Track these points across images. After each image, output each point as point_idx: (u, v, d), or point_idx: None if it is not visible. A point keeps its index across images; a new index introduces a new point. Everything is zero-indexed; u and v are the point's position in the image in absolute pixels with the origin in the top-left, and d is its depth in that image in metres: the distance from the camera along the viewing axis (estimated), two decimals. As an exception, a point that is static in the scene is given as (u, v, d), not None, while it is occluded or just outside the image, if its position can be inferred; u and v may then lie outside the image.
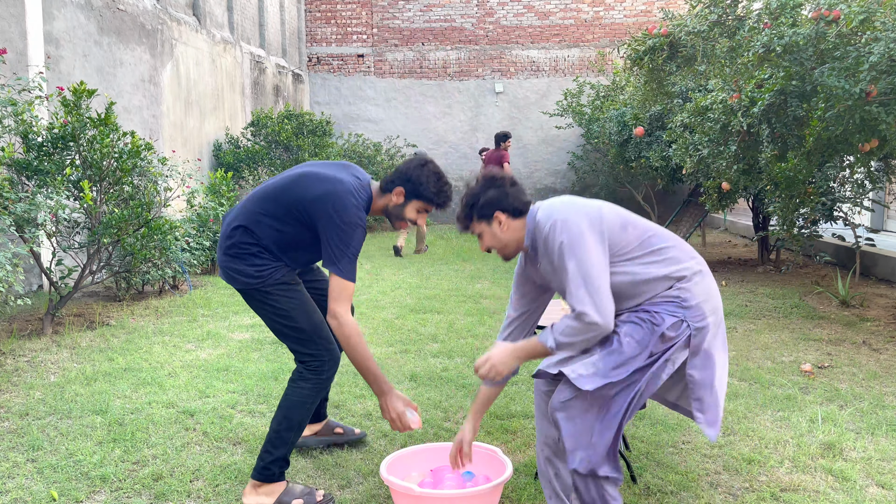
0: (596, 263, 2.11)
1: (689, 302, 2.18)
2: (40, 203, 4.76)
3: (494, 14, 15.05)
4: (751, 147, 6.46)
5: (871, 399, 3.81)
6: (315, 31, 15.31)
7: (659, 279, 2.20)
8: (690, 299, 2.19)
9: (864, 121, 5.16)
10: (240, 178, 10.82)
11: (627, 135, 10.84)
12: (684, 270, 2.21)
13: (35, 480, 2.88)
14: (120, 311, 5.97)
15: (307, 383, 2.66)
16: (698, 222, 8.70)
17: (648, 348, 2.14)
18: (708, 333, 2.20)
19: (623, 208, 2.33)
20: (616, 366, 2.13)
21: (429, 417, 3.56)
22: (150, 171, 6.04)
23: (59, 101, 5.33)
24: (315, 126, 11.87)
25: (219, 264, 2.71)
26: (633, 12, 14.92)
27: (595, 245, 2.14)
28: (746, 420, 3.51)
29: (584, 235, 2.14)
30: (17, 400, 3.81)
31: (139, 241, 5.60)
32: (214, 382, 4.09)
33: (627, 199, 15.15)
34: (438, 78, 15.20)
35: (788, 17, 5.68)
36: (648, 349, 2.14)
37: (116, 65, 8.12)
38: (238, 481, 2.87)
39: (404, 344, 4.98)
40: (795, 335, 5.21)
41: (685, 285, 2.20)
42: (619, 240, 2.20)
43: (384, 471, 2.52)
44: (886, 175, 6.52)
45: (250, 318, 5.74)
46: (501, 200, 2.30)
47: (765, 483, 2.84)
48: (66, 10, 7.21)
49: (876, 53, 4.78)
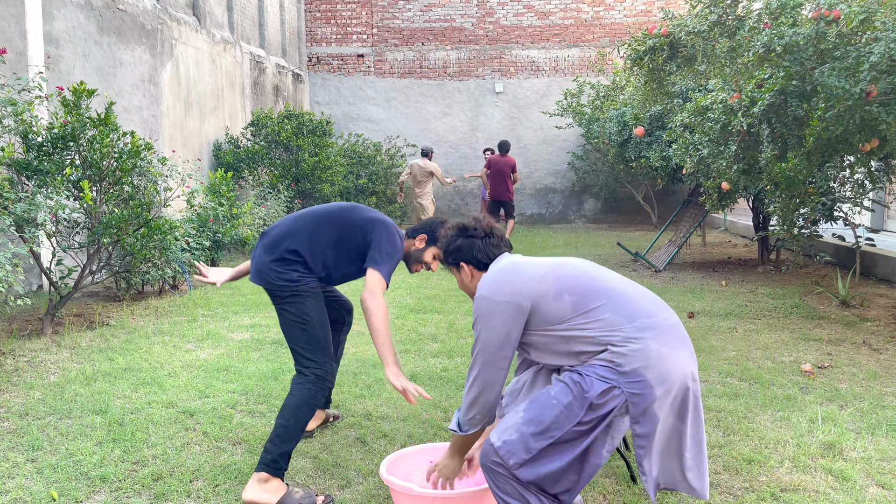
0: (492, 343, 2.15)
1: (623, 367, 2.05)
2: (40, 203, 4.76)
3: (494, 14, 15.05)
4: (751, 147, 6.46)
5: (871, 399, 3.81)
6: (315, 30, 15.31)
7: (587, 343, 2.10)
8: (625, 364, 2.05)
9: (865, 121, 5.16)
10: (240, 178, 10.82)
11: (627, 135, 10.84)
12: (616, 334, 2.08)
13: (35, 480, 2.88)
14: (120, 311, 5.97)
15: (313, 385, 2.84)
16: (698, 222, 8.70)
17: (578, 417, 2.05)
18: (654, 401, 2.04)
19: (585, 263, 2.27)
20: (535, 433, 2.07)
21: (429, 417, 3.56)
22: (150, 171, 6.03)
23: (59, 101, 5.33)
24: (315, 126, 11.87)
25: (258, 266, 2.96)
26: (633, 12, 14.92)
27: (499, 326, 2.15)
28: (746, 420, 3.51)
29: (493, 316, 2.16)
30: (17, 400, 3.81)
31: (139, 241, 5.60)
32: (214, 382, 4.09)
33: (627, 199, 15.16)
34: (438, 78, 15.20)
35: (789, 17, 5.68)
36: (577, 418, 2.05)
37: (116, 65, 8.12)
38: (238, 481, 2.87)
39: (404, 344, 4.98)
40: (795, 335, 5.21)
41: (619, 349, 2.06)
42: (552, 308, 2.14)
43: (384, 471, 2.52)
44: (886, 175, 6.52)
45: (250, 319, 5.74)
46: (468, 252, 2.37)
47: (765, 483, 2.84)
48: (66, 10, 7.21)
49: (876, 53, 4.78)
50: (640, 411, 2.06)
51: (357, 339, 5.12)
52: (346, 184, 12.26)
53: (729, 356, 4.67)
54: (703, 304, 6.35)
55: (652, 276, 8.00)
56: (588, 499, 2.73)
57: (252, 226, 8.52)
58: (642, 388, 2.04)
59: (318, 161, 11.41)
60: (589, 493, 2.76)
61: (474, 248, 2.36)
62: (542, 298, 2.15)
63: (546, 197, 15.48)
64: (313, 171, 11.37)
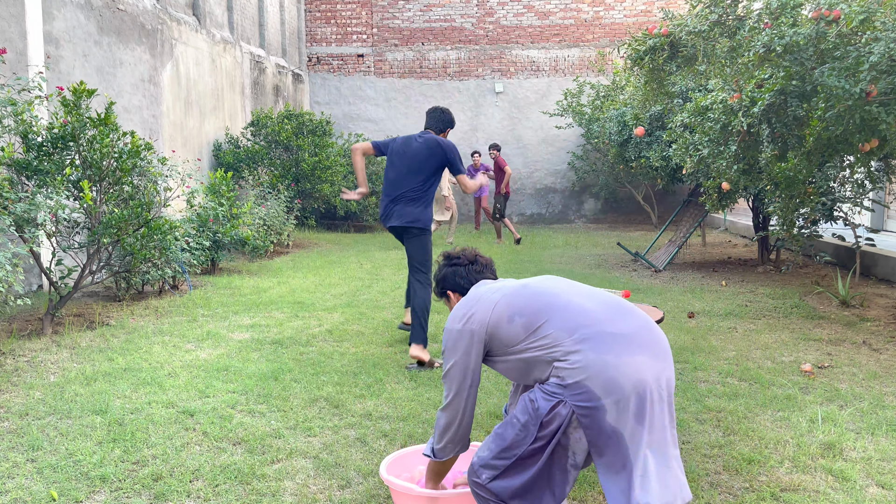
0: (457, 372, 2.23)
1: (566, 381, 2.06)
2: (40, 203, 4.76)
3: (494, 14, 15.05)
4: (751, 147, 6.46)
5: (871, 399, 3.81)
6: (315, 30, 15.31)
7: (539, 362, 2.12)
8: (567, 377, 2.05)
9: (864, 121, 5.16)
10: (239, 178, 10.82)
11: (627, 135, 10.84)
12: (558, 349, 2.09)
13: (35, 480, 2.88)
14: (120, 311, 5.97)
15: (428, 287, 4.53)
16: (698, 222, 8.70)
17: (533, 435, 2.08)
18: (605, 413, 2.01)
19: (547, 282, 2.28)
20: (500, 451, 2.14)
21: (429, 417, 3.56)
22: (150, 171, 6.03)
23: (59, 101, 5.33)
24: (315, 126, 11.87)
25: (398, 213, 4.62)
26: (633, 12, 14.92)
27: (463, 354, 2.23)
28: (746, 420, 3.51)
29: (456, 345, 2.24)
30: (17, 400, 3.81)
31: (139, 241, 5.60)
32: (214, 382, 4.09)
33: (627, 199, 15.16)
34: (438, 78, 15.20)
35: (789, 17, 5.68)
36: (533, 436, 2.08)
37: (116, 65, 8.12)
38: (238, 481, 2.87)
39: (404, 344, 4.98)
40: (795, 335, 5.21)
41: (561, 364, 2.07)
42: (507, 332, 2.18)
43: (384, 471, 2.52)
44: (886, 175, 6.52)
45: (250, 319, 5.74)
46: (452, 280, 2.51)
47: (765, 483, 2.84)
48: (66, 10, 7.21)
49: (876, 53, 4.79)
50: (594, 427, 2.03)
51: (357, 339, 5.12)
52: (346, 184, 12.26)
53: (729, 356, 4.67)
54: (703, 304, 6.35)
55: (652, 276, 8.00)
56: (588, 499, 2.73)
57: (252, 226, 8.52)
58: (587, 400, 2.02)
59: (318, 161, 11.41)
60: (589, 493, 2.76)
61: (457, 276, 2.48)
62: (497, 325, 2.20)
63: (546, 197, 15.48)
64: (313, 171, 11.37)
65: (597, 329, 2.10)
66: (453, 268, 2.50)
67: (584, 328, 2.10)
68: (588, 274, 8.00)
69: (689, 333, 5.26)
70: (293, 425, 3.46)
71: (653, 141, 9.92)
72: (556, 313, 2.15)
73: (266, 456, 3.11)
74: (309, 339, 5.10)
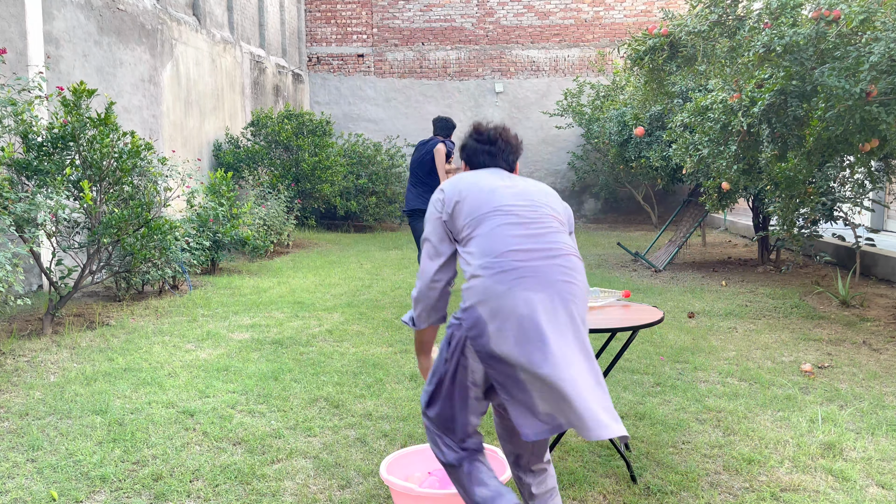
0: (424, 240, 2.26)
1: (464, 303, 2.07)
2: (40, 203, 4.76)
3: (494, 14, 15.05)
4: (751, 147, 6.46)
5: (871, 399, 3.81)
6: (315, 30, 15.31)
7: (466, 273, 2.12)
8: (466, 300, 2.06)
9: (865, 121, 5.16)
10: (240, 178, 10.82)
11: (627, 135, 10.84)
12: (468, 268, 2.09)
13: (35, 480, 2.88)
14: (120, 311, 5.97)
15: None
16: (698, 222, 8.70)
17: (444, 355, 2.15)
18: (489, 339, 1.99)
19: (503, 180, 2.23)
20: (430, 376, 2.23)
21: (429, 417, 3.56)
22: (150, 171, 6.04)
23: (59, 101, 5.33)
24: (315, 126, 11.87)
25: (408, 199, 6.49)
26: (633, 12, 14.92)
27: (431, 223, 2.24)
28: (746, 420, 3.51)
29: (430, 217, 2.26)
30: (17, 400, 3.81)
31: (139, 241, 5.60)
32: (214, 382, 4.09)
33: (627, 199, 15.16)
34: (438, 78, 15.20)
35: (789, 17, 5.68)
36: (444, 356, 2.15)
37: (116, 65, 8.12)
38: (238, 481, 2.87)
39: (404, 344, 4.99)
40: (795, 335, 5.21)
41: (467, 285, 2.07)
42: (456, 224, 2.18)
43: (384, 471, 2.52)
44: (886, 175, 6.52)
45: (250, 319, 5.74)
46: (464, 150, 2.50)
47: (765, 483, 2.84)
48: (66, 10, 7.21)
49: (876, 53, 4.79)
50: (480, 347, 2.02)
51: (357, 339, 5.12)
52: (346, 184, 12.26)
53: (729, 356, 4.67)
54: (703, 304, 6.35)
55: (652, 276, 8.00)
56: (588, 499, 2.73)
57: (252, 226, 8.52)
58: (476, 324, 2.02)
59: (318, 161, 11.41)
60: (589, 493, 2.76)
61: (466, 148, 2.39)
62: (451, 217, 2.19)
63: (546, 197, 15.46)
64: (313, 171, 11.37)
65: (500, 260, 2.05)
66: (471, 140, 2.39)
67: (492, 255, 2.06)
68: (588, 274, 8.00)
69: (689, 333, 5.26)
70: (293, 425, 3.46)
71: (653, 141, 9.92)
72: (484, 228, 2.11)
73: (266, 456, 3.11)
74: (309, 339, 5.10)
